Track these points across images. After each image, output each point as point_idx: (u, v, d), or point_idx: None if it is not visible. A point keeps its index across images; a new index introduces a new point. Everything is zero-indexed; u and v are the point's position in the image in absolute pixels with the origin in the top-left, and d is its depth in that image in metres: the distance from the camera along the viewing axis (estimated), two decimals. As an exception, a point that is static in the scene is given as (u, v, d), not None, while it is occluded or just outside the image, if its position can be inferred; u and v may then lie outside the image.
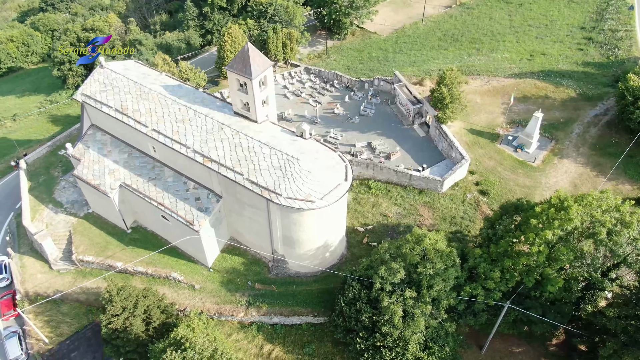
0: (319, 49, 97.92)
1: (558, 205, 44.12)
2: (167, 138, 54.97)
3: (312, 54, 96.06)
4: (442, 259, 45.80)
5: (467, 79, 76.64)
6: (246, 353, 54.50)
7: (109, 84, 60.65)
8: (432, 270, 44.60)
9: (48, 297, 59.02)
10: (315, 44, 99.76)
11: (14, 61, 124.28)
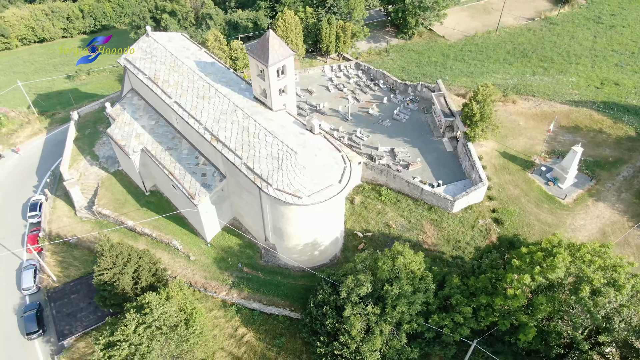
0: (382, 46, 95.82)
1: (547, 250, 40.29)
2: (185, 112, 57.01)
3: (373, 50, 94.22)
4: (413, 281, 43.77)
5: (516, 99, 71.45)
6: (221, 331, 55.87)
7: (149, 52, 63.81)
8: (398, 290, 42.74)
9: (65, 239, 64.14)
10: (380, 40, 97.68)
11: (108, 20, 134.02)
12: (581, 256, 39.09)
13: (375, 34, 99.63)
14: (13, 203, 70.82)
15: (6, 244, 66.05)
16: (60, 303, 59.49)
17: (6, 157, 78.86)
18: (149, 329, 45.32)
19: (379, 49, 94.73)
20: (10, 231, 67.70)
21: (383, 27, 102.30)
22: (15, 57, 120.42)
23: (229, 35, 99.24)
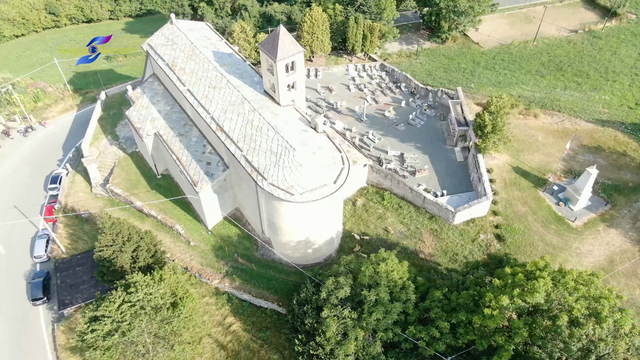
0: (413, 49, 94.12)
1: (530, 273, 38.78)
2: (196, 100, 58.14)
3: (404, 52, 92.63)
4: (393, 289, 43.16)
5: (539, 113, 68.76)
6: (210, 318, 56.93)
7: (171, 39, 65.37)
8: (375, 297, 42.27)
9: (78, 213, 66.87)
10: (412, 43, 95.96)
11: (153, 5, 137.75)
12: (565, 283, 37.37)
13: (409, 36, 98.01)
14: (38, 174, 74.29)
15: (26, 212, 69.44)
16: (65, 274, 62.01)
17: (37, 130, 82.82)
18: (132, 308, 46.79)
19: (409, 52, 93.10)
20: (31, 200, 71.08)
21: (418, 30, 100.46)
22: (63, 35, 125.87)
23: (262, 27, 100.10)
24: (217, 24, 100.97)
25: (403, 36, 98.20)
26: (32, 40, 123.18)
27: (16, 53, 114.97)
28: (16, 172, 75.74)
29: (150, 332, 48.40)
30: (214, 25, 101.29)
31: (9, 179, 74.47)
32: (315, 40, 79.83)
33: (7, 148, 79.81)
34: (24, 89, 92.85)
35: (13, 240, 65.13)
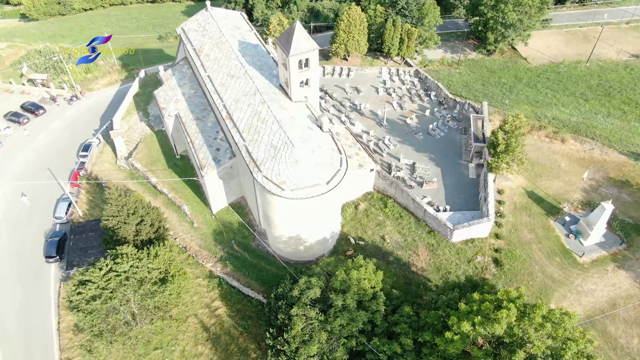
0: (457, 58, 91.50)
1: (499, 301, 37.03)
2: (213, 87, 59.63)
3: (446, 60, 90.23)
4: (363, 297, 42.58)
5: (568, 138, 64.91)
6: (200, 299, 58.51)
7: (203, 26, 67.29)
8: (341, 302, 41.89)
9: (99, 182, 70.53)
10: (458, 52, 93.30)
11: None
12: (532, 318, 35.40)
13: (455, 44, 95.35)
14: (74, 141, 78.90)
15: (57, 175, 74.05)
16: (78, 237, 65.61)
17: (80, 100, 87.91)
18: (118, 277, 48.91)
19: (452, 60, 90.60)
20: (64, 165, 75.66)
21: (467, 39, 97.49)
22: (127, 12, 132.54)
23: (308, 22, 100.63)
24: (266, 14, 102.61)
25: (449, 44, 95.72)
26: (98, 14, 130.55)
27: (81, 25, 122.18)
28: (55, 137, 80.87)
29: (135, 303, 50.41)
30: (263, 16, 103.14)
31: (48, 143, 79.69)
32: (350, 39, 79.39)
33: (52, 114, 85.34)
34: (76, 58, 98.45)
35: (41, 198, 69.53)
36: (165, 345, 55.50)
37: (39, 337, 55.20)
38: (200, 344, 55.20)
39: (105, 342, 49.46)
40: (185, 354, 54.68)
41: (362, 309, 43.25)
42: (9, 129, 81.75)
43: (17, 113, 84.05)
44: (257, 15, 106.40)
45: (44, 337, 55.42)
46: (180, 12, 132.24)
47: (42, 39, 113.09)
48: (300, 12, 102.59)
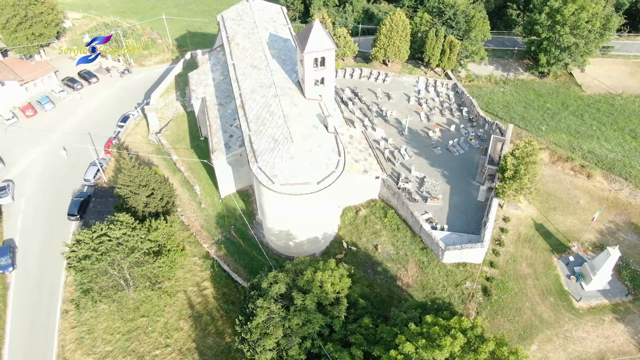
0: (507, 76, 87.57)
1: (448, 328, 35.62)
2: (235, 75, 61.28)
3: (494, 76, 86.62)
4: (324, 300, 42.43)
5: (596, 174, 60.52)
6: (192, 276, 60.63)
7: (240, 15, 69.23)
8: (301, 302, 41.95)
9: (128, 152, 74.54)
10: (510, 70, 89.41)
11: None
12: (478, 351, 33.74)
13: (509, 62, 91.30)
14: (117, 111, 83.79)
15: (95, 140, 79.16)
16: (99, 200, 69.91)
17: (132, 74, 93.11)
18: (109, 242, 51.66)
19: (500, 78, 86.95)
20: (103, 132, 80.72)
21: (523, 58, 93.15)
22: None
23: (361, 23, 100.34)
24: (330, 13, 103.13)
25: (502, 62, 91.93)
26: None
27: (152, 4, 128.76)
28: (102, 105, 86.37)
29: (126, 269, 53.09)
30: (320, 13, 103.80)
31: (94, 110, 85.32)
32: (391, 45, 78.36)
33: (104, 83, 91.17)
34: (139, 36, 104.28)
35: (77, 160, 74.54)
36: (152, 314, 58.03)
37: (48, 288, 59.33)
38: (183, 319, 57.22)
39: (91, 300, 52.47)
40: (167, 326, 56.91)
41: (323, 312, 43.05)
42: (64, 92, 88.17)
43: (73, 79, 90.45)
44: (312, 11, 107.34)
45: (52, 288, 59.60)
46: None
47: (114, 13, 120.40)
48: (355, 12, 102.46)
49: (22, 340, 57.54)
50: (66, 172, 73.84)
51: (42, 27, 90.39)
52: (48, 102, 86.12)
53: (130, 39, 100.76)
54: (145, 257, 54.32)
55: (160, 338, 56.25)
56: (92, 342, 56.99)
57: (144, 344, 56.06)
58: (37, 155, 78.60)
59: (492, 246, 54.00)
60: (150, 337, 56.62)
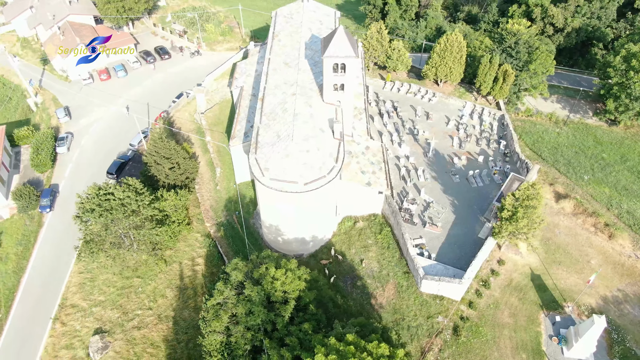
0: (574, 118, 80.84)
1: (362, 349, 34.76)
2: (266, 69, 63.49)
3: (555, 115, 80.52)
4: (272, 298, 43.08)
5: (622, 235, 54.66)
6: (190, 251, 63.91)
7: (291, 14, 71.44)
8: (249, 292, 42.94)
9: (171, 127, 79.89)
10: (579, 111, 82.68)
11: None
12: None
13: (580, 104, 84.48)
14: (178, 88, 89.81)
15: (151, 111, 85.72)
16: (134, 165, 75.77)
17: (201, 56, 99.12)
18: (113, 202, 56.04)
19: (562, 118, 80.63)
20: (161, 104, 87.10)
21: (596, 101, 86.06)
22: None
23: (431, 40, 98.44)
24: (396, 23, 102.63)
25: (572, 101, 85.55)
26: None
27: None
28: (166, 80, 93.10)
29: (123, 229, 57.36)
30: (393, 25, 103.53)
31: (159, 83, 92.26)
32: (443, 65, 76.27)
33: (174, 61, 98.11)
34: (220, 22, 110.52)
35: (131, 126, 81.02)
36: (146, 277, 62.04)
37: (74, 234, 64.39)
38: (170, 288, 60.51)
39: (89, 251, 57.22)
40: (155, 291, 60.52)
41: (271, 308, 43.66)
42: (137, 63, 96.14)
43: (148, 52, 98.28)
44: (388, 21, 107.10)
45: (77, 235, 64.45)
46: (335, 4, 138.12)
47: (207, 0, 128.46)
48: (427, 29, 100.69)
49: (40, 275, 64.21)
50: (119, 135, 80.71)
51: (133, 3, 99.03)
52: (122, 69, 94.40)
53: (210, 24, 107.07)
54: (145, 222, 58.14)
55: (146, 300, 59.90)
56: (90, 289, 62.13)
57: (131, 302, 60.06)
58: (100, 115, 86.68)
59: (477, 286, 51.09)
60: (139, 297, 60.51)
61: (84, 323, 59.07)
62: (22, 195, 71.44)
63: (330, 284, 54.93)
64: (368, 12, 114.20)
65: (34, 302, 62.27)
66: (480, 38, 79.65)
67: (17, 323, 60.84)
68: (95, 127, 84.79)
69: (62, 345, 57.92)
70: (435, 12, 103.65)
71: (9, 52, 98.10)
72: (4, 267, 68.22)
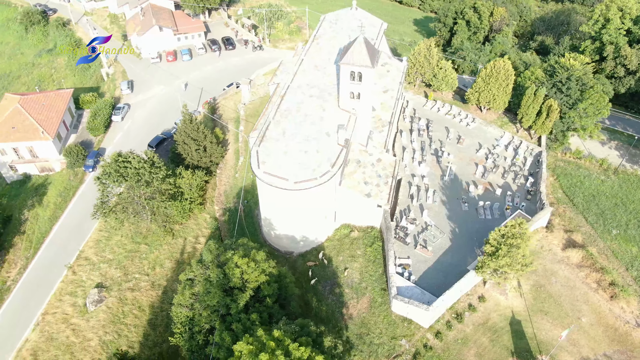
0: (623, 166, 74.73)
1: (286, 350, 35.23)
2: (297, 69, 65.30)
3: (608, 162, 74.45)
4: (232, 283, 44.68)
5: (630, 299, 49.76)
6: (197, 229, 67.48)
7: (337, 20, 72.68)
8: (210, 273, 44.94)
9: (214, 115, 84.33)
10: (637, 162, 75.82)
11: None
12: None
13: (639, 153, 77.67)
14: (233, 77, 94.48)
15: (203, 96, 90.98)
16: (172, 142, 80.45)
17: (263, 51, 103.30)
18: (129, 170, 60.47)
19: (615, 167, 74.03)
20: (213, 91, 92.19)
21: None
22: (376, 5, 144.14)
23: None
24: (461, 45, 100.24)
25: (634, 151, 78.69)
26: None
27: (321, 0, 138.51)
28: (225, 69, 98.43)
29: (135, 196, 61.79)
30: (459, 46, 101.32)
31: (218, 71, 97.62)
32: (486, 91, 73.62)
33: (237, 52, 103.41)
34: (291, 22, 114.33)
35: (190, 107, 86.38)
36: (152, 246, 66.26)
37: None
38: (169, 260, 64.19)
39: (101, 210, 62.15)
40: (156, 260, 64.55)
41: (228, 293, 45.20)
42: (203, 50, 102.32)
43: (214, 41, 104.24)
44: (454, 42, 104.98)
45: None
46: (412, 19, 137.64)
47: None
48: (492, 54, 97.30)
49: (69, 226, 70.82)
50: (168, 112, 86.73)
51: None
52: (187, 54, 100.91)
53: (281, 22, 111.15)
54: (156, 194, 62.09)
55: (146, 267, 64.00)
56: (104, 247, 67.49)
57: (134, 265, 64.46)
58: (158, 92, 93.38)
59: (449, 317, 49.09)
60: (141, 262, 64.79)
61: (89, 276, 64.26)
62: (71, 153, 78.96)
63: (310, 286, 55.50)
64: (437, 29, 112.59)
65: (57, 249, 68.74)
66: (532, 69, 75.78)
67: (40, 264, 67.56)
68: (151, 102, 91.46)
69: (67, 291, 63.48)
70: (503, 38, 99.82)
71: (91, 25, 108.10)
72: (42, 213, 75.88)
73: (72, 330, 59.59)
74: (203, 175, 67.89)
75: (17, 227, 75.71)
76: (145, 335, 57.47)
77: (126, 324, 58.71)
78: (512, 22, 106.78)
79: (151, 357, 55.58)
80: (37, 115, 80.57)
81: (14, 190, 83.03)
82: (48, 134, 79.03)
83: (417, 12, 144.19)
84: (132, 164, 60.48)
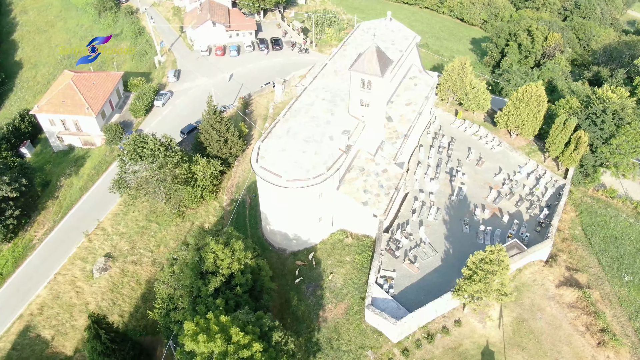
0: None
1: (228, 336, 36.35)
2: (317, 71, 66.57)
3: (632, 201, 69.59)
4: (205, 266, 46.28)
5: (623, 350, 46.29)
6: (205, 216, 69.91)
7: (370, 28, 73.15)
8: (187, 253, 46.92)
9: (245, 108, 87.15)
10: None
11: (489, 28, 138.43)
12: None
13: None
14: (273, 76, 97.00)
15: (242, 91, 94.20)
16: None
17: (308, 54, 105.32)
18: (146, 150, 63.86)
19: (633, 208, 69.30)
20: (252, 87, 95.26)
21: None
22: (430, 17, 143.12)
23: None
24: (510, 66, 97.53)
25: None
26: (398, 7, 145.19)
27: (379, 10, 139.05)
28: (267, 67, 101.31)
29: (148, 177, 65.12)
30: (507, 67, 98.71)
31: (261, 69, 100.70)
32: (515, 115, 71.10)
33: (283, 53, 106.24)
34: (342, 28, 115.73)
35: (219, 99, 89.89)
36: (162, 225, 69.51)
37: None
38: (174, 240, 67.08)
39: (117, 187, 65.92)
40: (162, 239, 67.83)
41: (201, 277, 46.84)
42: (250, 47, 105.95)
43: (263, 40, 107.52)
44: (502, 63, 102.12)
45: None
46: (467, 36, 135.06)
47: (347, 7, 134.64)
48: (540, 79, 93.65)
49: (95, 198, 75.98)
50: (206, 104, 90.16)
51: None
52: (235, 50, 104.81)
53: (332, 28, 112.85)
54: (170, 176, 65.08)
55: (152, 244, 67.32)
56: (120, 220, 71.68)
57: (141, 241, 67.98)
58: (201, 83, 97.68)
59: (420, 336, 48.01)
60: (149, 239, 68.23)
61: (102, 245, 68.45)
62: (110, 130, 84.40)
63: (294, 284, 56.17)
64: (489, 50, 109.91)
65: (80, 217, 73.76)
66: (568, 98, 72.30)
67: (64, 228, 72.81)
68: (193, 91, 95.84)
69: (80, 257, 68.01)
70: (554, 65, 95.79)
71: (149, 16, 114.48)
72: (76, 183, 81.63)
73: (76, 292, 63.76)
74: (218, 165, 70.28)
75: (52, 192, 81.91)
76: (136, 307, 60.49)
77: (122, 294, 62.04)
78: (567, 49, 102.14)
79: (137, 327, 58.42)
80: (86, 92, 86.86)
81: (59, 158, 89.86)
82: (92, 110, 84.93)
83: (478, 32, 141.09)
84: (149, 145, 63.87)
